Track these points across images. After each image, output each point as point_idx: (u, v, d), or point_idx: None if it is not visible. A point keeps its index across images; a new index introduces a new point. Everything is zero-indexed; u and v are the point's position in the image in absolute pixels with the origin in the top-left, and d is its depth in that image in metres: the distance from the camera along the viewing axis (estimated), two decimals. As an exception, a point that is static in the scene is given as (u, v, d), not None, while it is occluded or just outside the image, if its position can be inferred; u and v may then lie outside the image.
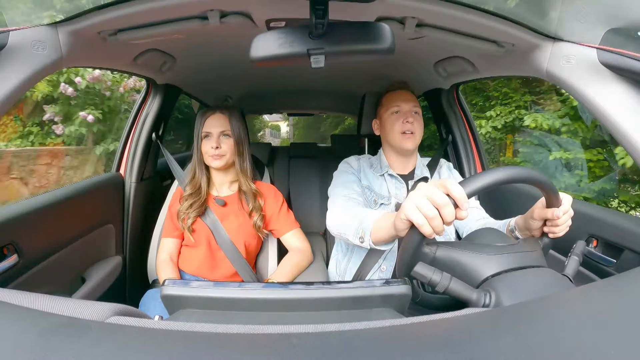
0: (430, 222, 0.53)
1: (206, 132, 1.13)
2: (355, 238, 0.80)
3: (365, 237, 0.77)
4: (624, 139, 0.71)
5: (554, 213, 0.66)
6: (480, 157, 1.51)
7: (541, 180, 0.60)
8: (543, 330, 0.35)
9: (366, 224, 0.77)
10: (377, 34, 0.64)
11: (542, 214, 0.68)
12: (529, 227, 0.73)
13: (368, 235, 0.76)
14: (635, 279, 0.49)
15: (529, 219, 0.72)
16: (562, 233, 0.68)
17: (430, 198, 0.53)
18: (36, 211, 0.95)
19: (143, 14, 0.76)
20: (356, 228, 0.80)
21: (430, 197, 0.53)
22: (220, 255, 1.15)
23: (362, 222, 0.79)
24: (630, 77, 0.71)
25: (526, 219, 0.74)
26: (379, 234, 0.73)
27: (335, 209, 0.95)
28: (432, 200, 0.53)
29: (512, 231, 0.81)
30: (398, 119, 1.08)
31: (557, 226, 0.67)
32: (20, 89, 0.69)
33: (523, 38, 0.82)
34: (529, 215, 0.73)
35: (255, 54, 0.65)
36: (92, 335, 0.35)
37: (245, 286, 0.54)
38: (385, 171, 1.12)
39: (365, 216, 0.80)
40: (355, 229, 0.80)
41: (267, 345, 0.36)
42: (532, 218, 0.71)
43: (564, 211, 0.66)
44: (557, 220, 0.66)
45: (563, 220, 0.66)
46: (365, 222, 0.78)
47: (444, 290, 0.56)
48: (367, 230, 0.76)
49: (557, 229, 0.68)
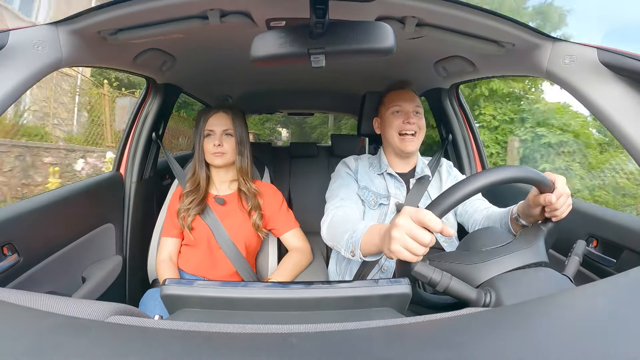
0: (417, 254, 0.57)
1: (209, 130, 1.14)
2: (346, 252, 0.81)
3: (356, 251, 0.77)
4: (624, 139, 0.71)
5: (546, 199, 0.65)
6: (481, 156, 1.51)
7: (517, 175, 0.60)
8: (543, 330, 0.35)
9: (355, 238, 0.78)
10: (378, 34, 0.64)
11: (537, 201, 0.68)
12: (529, 213, 0.73)
13: (358, 249, 0.77)
14: (635, 278, 0.49)
15: (528, 207, 0.73)
16: (564, 214, 0.67)
17: (414, 237, 0.56)
18: (36, 210, 0.95)
19: (143, 13, 0.76)
20: (346, 242, 0.81)
21: (414, 236, 0.56)
22: (220, 254, 1.15)
23: (351, 237, 0.80)
24: (630, 77, 0.71)
25: (525, 207, 0.75)
26: (368, 248, 0.74)
27: (327, 219, 0.96)
28: (416, 238, 0.56)
29: (516, 219, 0.81)
30: (399, 119, 1.07)
31: (557, 209, 0.67)
32: (20, 89, 0.68)
33: (523, 38, 0.82)
34: (527, 203, 0.73)
35: (256, 54, 0.65)
36: (92, 335, 0.35)
37: (245, 286, 0.54)
38: (385, 170, 1.11)
39: (354, 230, 0.80)
40: (345, 243, 0.81)
41: (267, 345, 0.36)
42: (529, 205, 0.71)
43: (557, 195, 0.65)
44: (554, 204, 0.65)
45: (560, 202, 0.66)
46: (355, 236, 0.79)
47: (444, 290, 0.56)
48: (357, 244, 0.77)
49: (557, 212, 0.67)
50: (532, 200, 0.70)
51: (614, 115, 0.72)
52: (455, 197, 0.57)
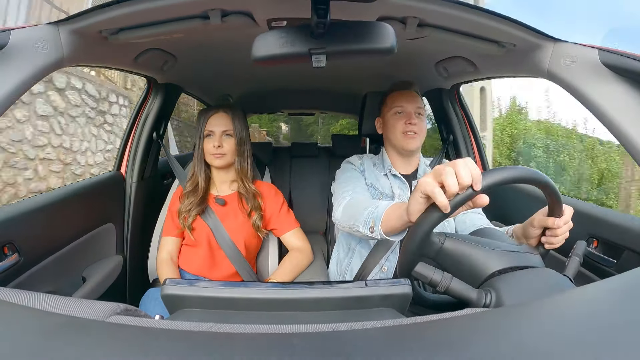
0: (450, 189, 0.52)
1: (209, 130, 1.13)
2: (365, 228, 0.79)
3: (376, 227, 0.75)
4: (625, 139, 0.71)
5: (555, 222, 0.66)
6: (482, 156, 1.51)
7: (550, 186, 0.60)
8: (543, 331, 0.35)
9: (377, 213, 0.76)
10: (379, 34, 0.64)
11: (543, 222, 0.68)
12: (527, 234, 0.73)
13: (379, 225, 0.74)
14: (636, 279, 0.49)
15: (529, 227, 0.72)
16: (559, 244, 0.68)
17: (458, 171, 0.52)
18: (36, 210, 0.95)
19: (144, 13, 0.76)
20: (366, 217, 0.79)
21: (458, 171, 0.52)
22: (220, 254, 1.15)
23: (372, 212, 0.78)
24: (631, 77, 0.71)
25: (526, 227, 0.74)
26: (391, 223, 0.72)
27: (344, 201, 0.94)
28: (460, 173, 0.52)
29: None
30: (401, 120, 1.07)
31: (556, 236, 0.67)
32: (22, 88, 0.68)
33: (524, 38, 0.82)
34: (529, 223, 0.72)
35: (257, 54, 0.65)
36: (92, 335, 0.35)
37: (245, 286, 0.54)
38: (389, 171, 1.11)
39: (377, 206, 0.78)
40: (365, 218, 0.79)
41: (267, 345, 0.36)
42: (532, 225, 0.71)
43: (564, 221, 0.66)
44: (557, 230, 0.66)
45: (562, 230, 0.66)
46: (377, 211, 0.77)
47: (445, 290, 0.56)
48: (378, 218, 0.75)
49: (555, 239, 0.68)
50: (538, 220, 0.69)
51: (614, 116, 0.72)
52: (502, 175, 0.55)
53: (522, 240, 0.76)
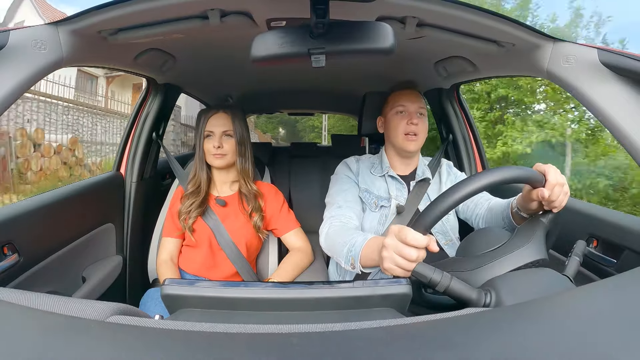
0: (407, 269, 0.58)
1: (209, 131, 1.13)
2: (347, 264, 0.81)
3: (356, 263, 0.78)
4: (625, 139, 0.71)
5: (539, 194, 0.64)
6: (481, 156, 1.51)
7: (502, 178, 0.60)
8: (543, 330, 0.35)
9: (355, 251, 0.79)
10: (378, 34, 0.64)
11: (530, 196, 0.68)
12: (527, 207, 0.73)
13: (358, 261, 0.78)
14: (636, 279, 0.49)
15: (524, 202, 0.72)
16: (563, 204, 0.66)
17: (401, 255, 0.58)
18: (36, 210, 0.95)
19: (143, 13, 0.76)
20: (346, 255, 0.81)
21: (401, 254, 0.58)
22: (221, 255, 1.15)
23: (351, 250, 0.80)
24: (631, 77, 0.71)
25: (522, 202, 0.74)
26: (369, 256, 0.75)
27: (325, 229, 0.96)
28: (403, 256, 0.58)
29: (517, 212, 0.80)
30: (402, 120, 1.07)
31: (553, 201, 0.65)
32: (21, 89, 0.68)
33: (523, 38, 0.82)
34: (522, 199, 0.73)
35: (256, 54, 0.65)
36: (92, 335, 0.35)
37: (245, 286, 0.54)
38: (386, 172, 1.11)
39: (354, 242, 0.80)
40: (345, 256, 0.81)
41: (267, 345, 0.36)
42: (525, 201, 0.71)
43: (550, 187, 0.64)
44: (550, 196, 0.64)
45: (555, 194, 0.64)
46: (354, 249, 0.79)
47: (445, 290, 0.56)
48: (357, 256, 0.78)
49: (554, 203, 0.65)
50: (526, 196, 0.70)
51: (614, 116, 0.72)
52: (438, 211, 0.58)
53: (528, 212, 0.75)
